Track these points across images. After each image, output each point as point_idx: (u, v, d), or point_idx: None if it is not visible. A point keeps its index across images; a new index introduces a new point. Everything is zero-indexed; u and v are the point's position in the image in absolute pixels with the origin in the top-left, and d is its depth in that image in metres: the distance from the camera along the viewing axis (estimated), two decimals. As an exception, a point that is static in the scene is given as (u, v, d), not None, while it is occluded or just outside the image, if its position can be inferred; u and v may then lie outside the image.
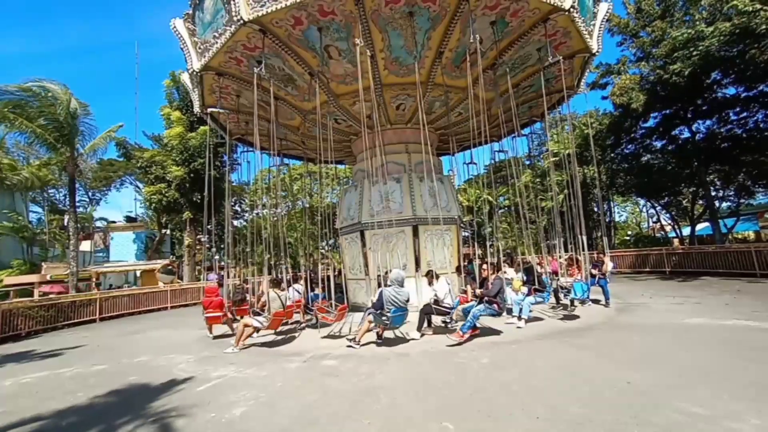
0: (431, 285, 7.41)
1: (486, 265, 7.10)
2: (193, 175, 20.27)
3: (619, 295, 9.95)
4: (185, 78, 9.92)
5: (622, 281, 13.64)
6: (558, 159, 17.02)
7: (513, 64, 8.74)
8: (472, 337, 6.26)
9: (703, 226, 23.53)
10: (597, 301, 8.67)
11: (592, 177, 19.25)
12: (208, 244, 23.86)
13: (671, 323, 6.59)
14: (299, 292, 8.75)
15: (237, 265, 15.09)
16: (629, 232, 33.50)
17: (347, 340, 6.62)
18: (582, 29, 7.76)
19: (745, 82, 14.63)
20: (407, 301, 6.36)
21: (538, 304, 7.86)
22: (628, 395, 3.62)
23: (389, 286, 6.38)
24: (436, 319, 7.17)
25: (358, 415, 3.60)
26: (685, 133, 17.76)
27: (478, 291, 6.64)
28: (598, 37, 8.62)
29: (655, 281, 13.27)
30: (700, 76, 14.36)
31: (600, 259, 9.31)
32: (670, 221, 24.99)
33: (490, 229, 14.83)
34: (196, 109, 9.93)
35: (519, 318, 7.21)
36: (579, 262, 8.41)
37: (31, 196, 25.67)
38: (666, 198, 21.04)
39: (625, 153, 20.31)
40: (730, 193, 19.65)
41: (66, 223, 21.73)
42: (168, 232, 29.42)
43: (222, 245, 24.49)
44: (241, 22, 6.57)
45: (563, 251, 10.41)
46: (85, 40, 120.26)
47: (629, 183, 20.06)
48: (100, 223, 30.81)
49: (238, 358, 6.19)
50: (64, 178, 21.26)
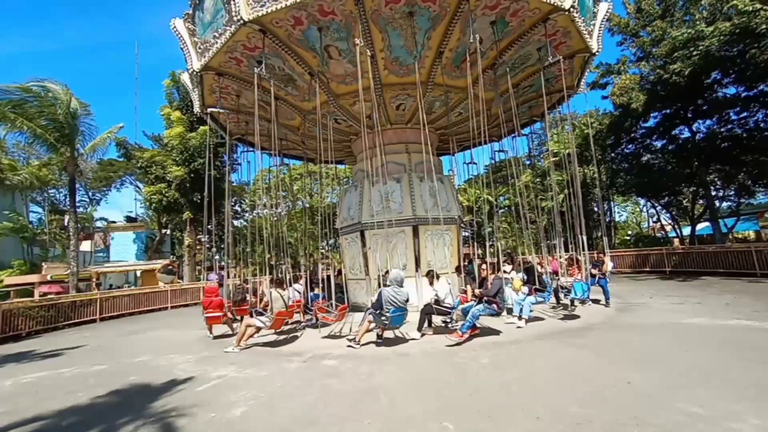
0: (432, 285, 7.42)
1: (485, 264, 7.10)
2: (193, 175, 20.29)
3: (619, 294, 9.94)
4: (185, 78, 9.93)
5: (623, 281, 13.63)
6: (558, 159, 17.02)
7: (513, 64, 8.73)
8: (471, 337, 6.27)
9: (703, 226, 23.52)
10: (597, 301, 8.68)
11: (592, 177, 19.27)
12: (208, 244, 23.90)
13: (671, 323, 6.59)
14: (299, 292, 8.75)
15: (237, 265, 15.10)
16: (629, 232, 33.50)
17: (347, 341, 6.63)
18: (582, 29, 7.76)
19: (746, 82, 14.63)
20: (406, 301, 6.37)
21: (539, 304, 7.86)
22: (628, 395, 3.62)
23: (388, 287, 6.38)
24: (436, 319, 7.17)
25: (358, 415, 3.60)
26: (686, 133, 17.80)
27: (477, 291, 6.64)
28: (598, 36, 8.62)
29: (655, 281, 13.27)
30: (700, 75, 14.37)
31: (600, 259, 9.32)
32: (670, 221, 24.98)
33: (490, 229, 14.83)
34: (196, 109, 9.94)
35: (519, 318, 7.21)
36: (579, 262, 8.42)
37: (31, 196, 25.68)
38: (666, 198, 21.03)
39: (625, 153, 20.33)
40: (731, 193, 19.64)
41: (66, 223, 21.74)
42: (168, 232, 29.46)
43: (222, 245, 24.51)
44: (241, 22, 6.57)
45: (563, 251, 10.42)
46: (85, 40, 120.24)
47: (629, 183, 20.05)
48: (100, 223, 30.84)
49: (238, 358, 6.20)
50: (64, 178, 21.31)
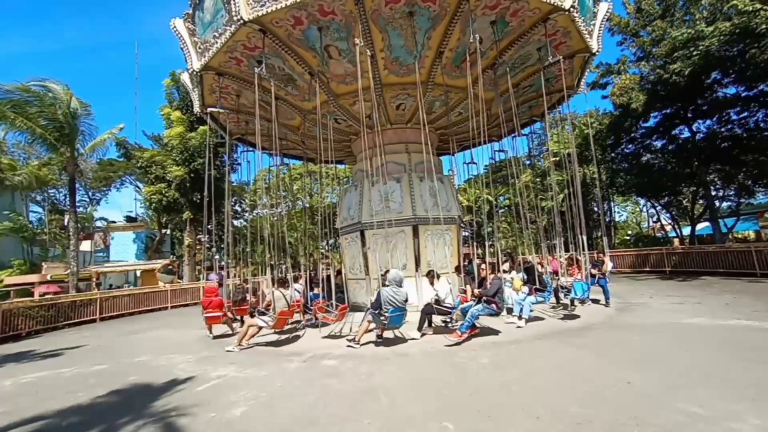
0: (432, 285, 7.41)
1: (485, 264, 7.10)
2: (193, 175, 20.29)
3: (619, 294, 9.94)
4: (185, 78, 9.93)
5: (622, 281, 13.63)
6: (558, 159, 17.02)
7: (513, 63, 8.73)
8: (471, 336, 6.26)
9: (703, 226, 23.52)
10: (597, 301, 8.67)
11: (592, 177, 19.26)
12: (208, 244, 23.89)
13: (671, 323, 6.59)
14: (299, 292, 8.75)
15: (237, 265, 15.11)
16: (629, 232, 33.50)
17: (347, 341, 6.62)
18: (582, 29, 7.76)
19: (746, 82, 14.63)
20: (406, 301, 6.35)
21: (539, 304, 7.86)
22: (628, 395, 3.62)
23: (387, 286, 6.37)
24: (436, 319, 7.17)
25: (358, 415, 3.60)
26: (686, 133, 17.80)
27: (477, 291, 6.64)
28: (598, 36, 8.62)
29: (655, 281, 13.27)
30: (700, 75, 14.36)
31: (600, 259, 9.32)
32: (670, 221, 24.99)
33: (490, 229, 14.83)
34: (196, 109, 9.94)
35: (519, 317, 7.21)
36: (579, 262, 8.42)
37: (31, 196, 25.67)
38: (666, 198, 21.04)
39: (625, 153, 20.33)
40: (731, 193, 19.65)
41: (66, 223, 21.76)
42: (168, 232, 29.47)
43: (222, 245, 24.51)
44: (241, 21, 6.57)
45: (563, 251, 10.42)
46: (85, 40, 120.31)
47: (629, 183, 20.06)
48: (100, 223, 30.83)
49: (238, 358, 6.20)
50: (64, 177, 21.30)
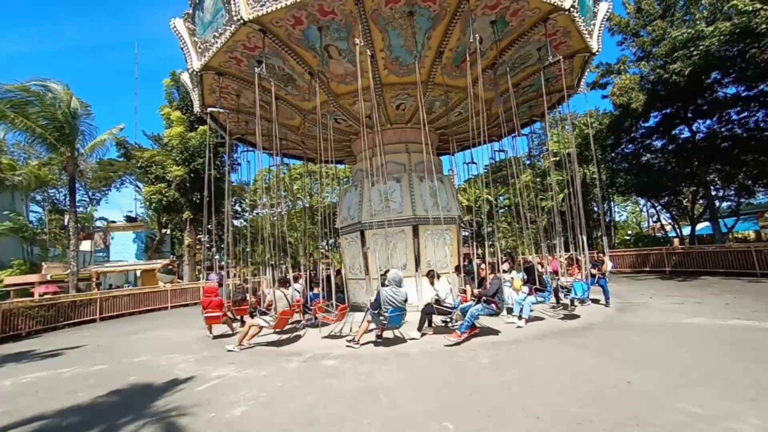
0: (433, 285, 7.41)
1: (484, 264, 7.09)
2: (193, 174, 20.28)
3: (619, 294, 9.94)
4: (185, 78, 9.93)
5: (622, 281, 13.63)
6: (558, 159, 17.03)
7: (513, 63, 8.73)
8: (470, 336, 6.26)
9: (703, 226, 23.52)
10: (597, 301, 8.67)
11: (592, 177, 19.26)
12: (208, 244, 23.90)
13: (671, 323, 6.59)
14: (298, 292, 8.75)
15: (237, 265, 15.11)
16: (629, 232, 33.50)
17: (346, 341, 6.62)
18: (582, 29, 7.76)
19: (746, 82, 14.62)
20: (405, 301, 6.34)
21: (539, 304, 7.86)
22: (628, 395, 3.62)
23: (387, 286, 6.36)
24: (436, 319, 7.17)
25: (358, 415, 3.60)
26: (686, 133, 17.79)
27: (476, 291, 6.64)
28: (598, 36, 8.62)
29: (655, 281, 13.27)
30: (700, 75, 14.36)
31: (600, 259, 9.32)
32: (670, 221, 24.99)
33: (490, 229, 14.83)
34: (196, 108, 9.94)
35: (519, 317, 7.21)
36: (579, 262, 8.42)
37: (31, 196, 25.65)
38: (666, 197, 21.03)
39: (625, 153, 20.32)
40: (731, 193, 19.64)
41: (66, 223, 21.76)
42: (168, 231, 29.47)
43: (222, 245, 24.51)
44: (241, 21, 6.57)
45: (563, 251, 10.42)
46: (85, 39, 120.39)
47: (629, 183, 20.06)
48: (100, 223, 30.81)
49: (238, 358, 6.20)
50: (64, 177, 21.30)
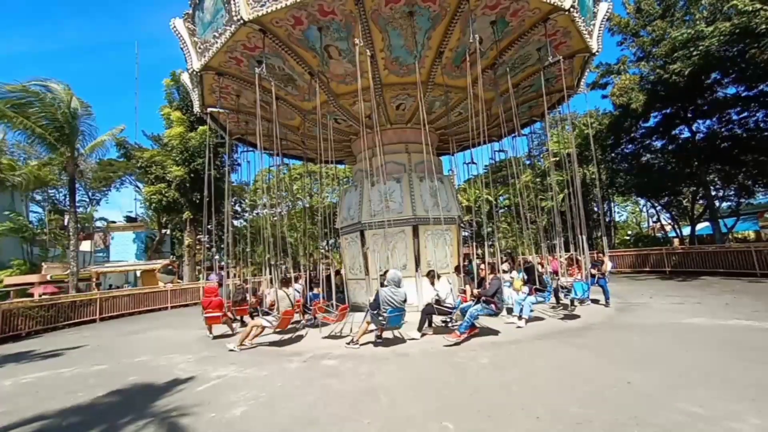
0: (433, 285, 7.40)
1: (484, 264, 7.09)
2: (193, 175, 20.29)
3: (619, 294, 9.95)
4: (185, 78, 9.92)
5: (622, 281, 13.64)
6: (558, 159, 17.03)
7: (513, 63, 8.73)
8: (470, 336, 6.26)
9: (703, 226, 23.52)
10: (597, 301, 8.68)
11: (592, 177, 19.26)
12: (208, 244, 23.89)
13: (671, 323, 6.59)
14: (298, 292, 8.74)
15: (237, 265, 15.11)
16: (629, 232, 33.51)
17: (345, 344, 6.61)
18: (582, 29, 7.76)
19: (746, 82, 14.63)
20: (404, 301, 6.33)
21: (539, 304, 7.86)
22: (628, 395, 3.62)
23: (386, 287, 6.35)
24: (436, 319, 7.16)
25: (358, 415, 3.60)
26: (685, 133, 17.80)
27: (476, 291, 6.64)
28: (598, 36, 8.62)
29: (655, 281, 13.27)
30: (700, 75, 14.35)
31: (599, 259, 9.32)
32: (670, 221, 24.99)
33: (490, 229, 14.83)
34: (196, 109, 9.94)
35: (519, 317, 7.20)
36: (579, 262, 8.42)
37: (31, 196, 25.66)
38: (666, 198, 21.04)
39: (625, 153, 20.32)
40: (730, 193, 19.65)
41: (66, 223, 21.75)
42: (168, 232, 29.47)
43: (222, 245, 24.51)
44: (241, 21, 6.57)
45: (563, 251, 10.41)
46: (85, 40, 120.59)
47: (629, 183, 20.06)
48: (100, 223, 30.82)
49: (239, 358, 6.20)
50: (64, 178, 21.29)
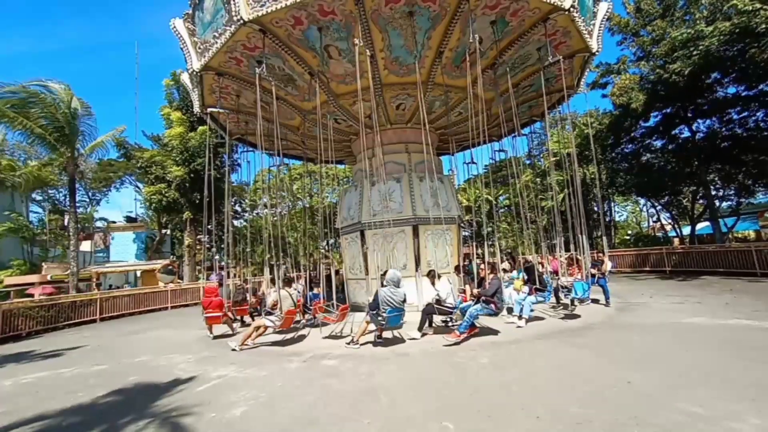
0: (434, 285, 7.40)
1: (483, 264, 7.09)
2: (193, 175, 20.29)
3: (619, 294, 9.95)
4: (185, 78, 9.92)
5: (622, 280, 13.64)
6: (558, 159, 17.02)
7: (513, 63, 8.73)
8: (470, 336, 6.27)
9: (703, 226, 23.52)
10: (597, 301, 8.67)
11: (592, 177, 19.26)
12: (208, 244, 23.90)
13: (671, 323, 6.59)
14: (298, 292, 8.74)
15: (237, 265, 15.11)
16: (629, 232, 33.50)
17: (345, 344, 6.61)
18: (582, 29, 7.76)
19: (746, 81, 14.62)
20: (403, 301, 6.32)
21: (539, 304, 7.86)
22: (628, 395, 3.62)
23: (385, 287, 6.34)
24: (436, 319, 7.16)
25: (358, 415, 3.60)
26: (685, 133, 17.78)
27: (475, 291, 6.63)
28: (598, 36, 8.62)
29: (655, 281, 13.27)
30: (700, 75, 14.34)
31: (599, 259, 9.31)
32: (670, 220, 24.99)
33: (490, 229, 14.83)
34: (196, 109, 9.93)
35: (519, 317, 7.21)
36: (579, 262, 8.42)
37: (31, 196, 25.65)
38: (666, 197, 21.03)
39: (625, 152, 20.31)
40: (731, 193, 19.64)
41: (66, 223, 21.76)
42: (168, 232, 29.47)
43: (222, 245, 24.52)
44: (241, 22, 6.57)
45: (563, 251, 10.41)
46: (85, 39, 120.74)
47: (629, 182, 20.05)
48: (100, 223, 30.83)
49: (239, 358, 6.20)
50: (64, 178, 21.29)
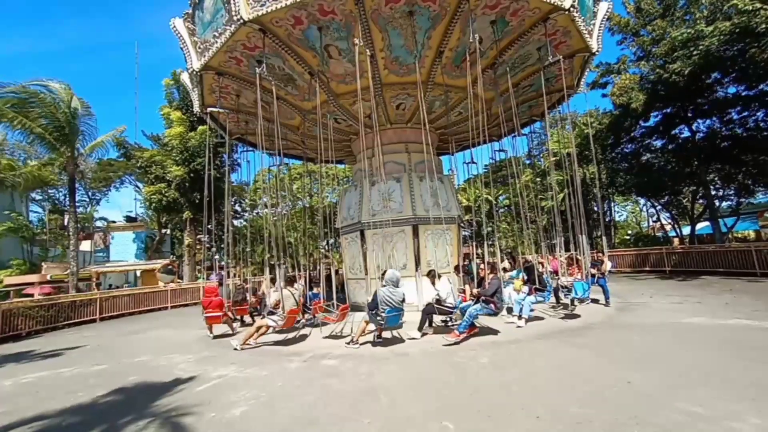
0: (434, 285, 7.40)
1: (483, 264, 7.09)
2: (193, 174, 20.28)
3: (619, 294, 9.95)
4: (185, 78, 9.92)
5: (622, 280, 13.64)
6: (558, 158, 17.02)
7: (513, 63, 8.73)
8: (469, 336, 6.27)
9: (703, 226, 23.52)
10: (597, 301, 8.67)
11: (592, 176, 19.26)
12: (208, 244, 23.89)
13: (671, 323, 6.59)
14: (298, 291, 8.73)
15: (237, 265, 15.12)
16: (629, 232, 33.50)
17: (345, 344, 6.61)
18: (582, 28, 7.76)
19: (746, 81, 14.61)
20: (402, 301, 6.31)
21: (539, 304, 7.86)
22: (628, 395, 3.62)
23: (384, 287, 6.33)
24: (436, 319, 7.16)
25: (358, 415, 3.60)
26: (686, 133, 17.78)
27: (475, 290, 6.63)
28: (598, 36, 8.62)
29: (655, 280, 13.26)
30: (700, 75, 14.33)
31: (599, 259, 9.31)
32: (670, 220, 24.98)
33: (490, 229, 14.83)
34: (196, 108, 9.94)
35: (519, 317, 7.21)
36: (579, 262, 8.42)
37: (31, 196, 25.65)
38: (666, 197, 21.03)
39: (625, 152, 20.31)
40: (730, 193, 19.64)
41: (66, 223, 21.76)
42: (168, 231, 29.46)
43: (222, 245, 24.51)
44: (241, 21, 6.57)
45: (563, 250, 10.42)
46: (85, 40, 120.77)
47: (629, 182, 20.05)
48: (100, 223, 30.82)
49: (239, 358, 6.20)
50: (64, 177, 21.28)
